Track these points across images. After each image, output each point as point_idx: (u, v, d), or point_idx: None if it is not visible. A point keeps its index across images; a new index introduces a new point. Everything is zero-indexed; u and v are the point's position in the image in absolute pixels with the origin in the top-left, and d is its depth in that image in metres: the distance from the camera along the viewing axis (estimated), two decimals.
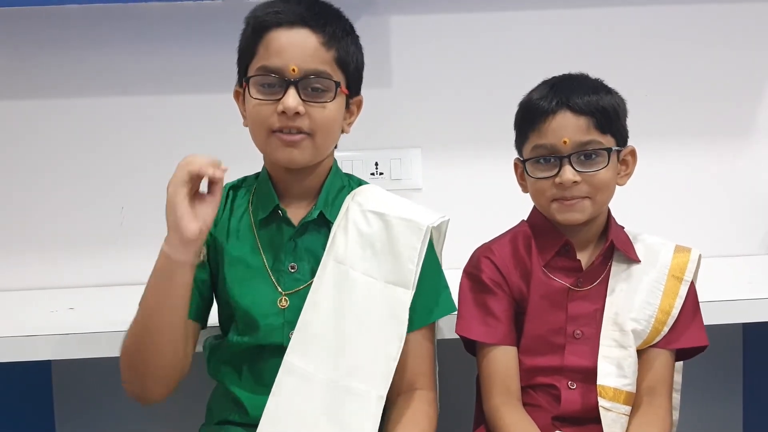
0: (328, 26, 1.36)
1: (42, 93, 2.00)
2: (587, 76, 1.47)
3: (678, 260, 1.47)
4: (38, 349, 1.55)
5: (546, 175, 1.42)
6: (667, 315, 1.45)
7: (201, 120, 1.98)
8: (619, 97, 1.45)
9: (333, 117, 1.37)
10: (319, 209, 1.41)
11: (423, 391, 1.41)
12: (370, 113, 2.01)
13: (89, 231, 2.02)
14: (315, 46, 1.34)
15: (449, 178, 2.06)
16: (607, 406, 1.42)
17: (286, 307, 1.39)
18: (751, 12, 2.06)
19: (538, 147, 1.43)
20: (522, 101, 1.48)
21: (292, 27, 1.34)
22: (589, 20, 2.04)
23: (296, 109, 1.32)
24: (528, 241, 1.49)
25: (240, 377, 1.42)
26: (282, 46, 1.34)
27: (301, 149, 1.35)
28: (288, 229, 1.41)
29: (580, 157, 1.40)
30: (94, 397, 2.02)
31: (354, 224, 1.41)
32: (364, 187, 1.48)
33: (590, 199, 1.42)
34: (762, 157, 2.10)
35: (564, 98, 1.41)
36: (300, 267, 1.41)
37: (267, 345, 1.39)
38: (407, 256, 1.38)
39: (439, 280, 1.46)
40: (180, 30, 1.97)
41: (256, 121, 1.37)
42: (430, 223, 1.41)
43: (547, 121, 1.41)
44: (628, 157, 1.47)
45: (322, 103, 1.35)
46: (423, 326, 1.42)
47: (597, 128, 1.41)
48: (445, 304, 1.46)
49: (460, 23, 2.03)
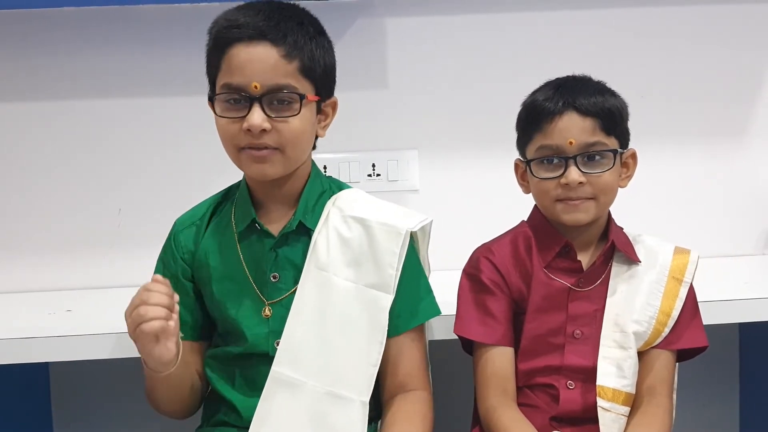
0: (289, 36, 1.33)
1: (38, 95, 2.00)
2: (591, 78, 1.47)
3: (677, 262, 1.48)
4: (36, 351, 1.56)
5: (551, 175, 1.42)
6: (668, 317, 1.45)
7: (198, 122, 1.97)
8: (621, 99, 1.46)
9: (301, 129, 1.35)
10: (298, 219, 1.41)
11: (416, 392, 1.42)
12: (367, 115, 2.03)
13: (87, 233, 2.02)
14: (275, 59, 1.32)
15: (446, 180, 2.06)
16: (606, 406, 1.42)
17: (270, 317, 1.40)
18: (747, 13, 2.06)
19: (543, 147, 1.43)
20: (526, 102, 1.48)
21: (251, 42, 1.32)
22: (585, 22, 2.05)
23: (261, 126, 1.31)
24: (528, 242, 1.49)
25: (233, 382, 1.43)
26: (242, 63, 1.32)
27: (271, 163, 1.35)
28: (268, 241, 1.41)
29: (585, 158, 1.41)
30: (92, 399, 2.02)
31: (335, 230, 1.41)
32: (345, 192, 1.47)
33: (594, 200, 1.42)
34: (758, 158, 2.11)
35: (570, 99, 1.41)
36: (282, 276, 1.41)
37: (255, 354, 1.40)
38: (387, 262, 1.38)
39: (423, 284, 1.46)
40: (176, 32, 1.98)
41: (224, 138, 1.37)
42: (410, 227, 1.41)
43: (553, 122, 1.41)
44: (629, 160, 1.48)
45: (288, 118, 1.33)
46: (410, 328, 1.42)
47: (602, 130, 1.41)
48: (430, 308, 1.46)
49: (456, 25, 2.03)
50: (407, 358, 1.42)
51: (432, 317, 1.46)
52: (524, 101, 1.48)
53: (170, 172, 2.02)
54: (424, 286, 1.46)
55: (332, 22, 1.46)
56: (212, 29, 1.38)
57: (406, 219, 1.43)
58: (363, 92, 2.01)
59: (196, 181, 1.98)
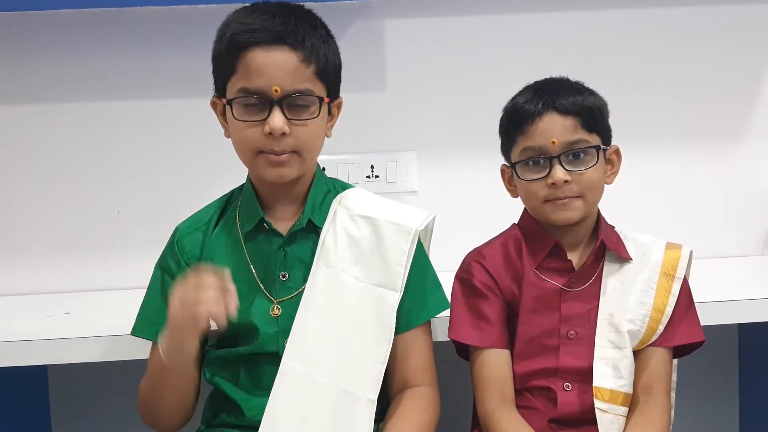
0: (307, 41, 1.34)
1: (36, 98, 1.99)
2: (568, 79, 1.49)
3: (669, 257, 1.48)
4: (34, 353, 1.56)
5: (537, 176, 1.43)
6: (661, 314, 1.45)
7: (197, 124, 1.97)
8: (600, 97, 1.47)
9: (317, 132, 1.37)
10: (307, 216, 1.42)
11: (421, 388, 1.42)
12: (366, 117, 2.03)
13: (85, 235, 2.02)
14: (295, 64, 1.33)
15: (445, 181, 2.06)
16: (604, 407, 1.42)
17: (279, 315, 1.40)
18: (746, 13, 2.07)
19: (527, 149, 1.44)
20: (506, 107, 1.50)
21: (270, 46, 1.32)
22: (584, 23, 2.05)
23: (282, 130, 1.32)
24: (519, 244, 1.50)
25: (237, 380, 1.42)
26: (261, 66, 1.32)
27: (289, 167, 1.36)
28: (276, 240, 1.42)
29: (569, 156, 1.42)
30: (91, 402, 2.02)
31: (343, 228, 1.42)
32: (350, 190, 1.48)
33: (581, 198, 1.43)
34: (757, 158, 2.11)
35: (550, 100, 1.42)
36: (291, 275, 1.41)
37: (263, 353, 1.40)
38: (396, 260, 1.40)
39: (431, 279, 1.47)
40: (175, 34, 1.97)
41: (241, 143, 1.37)
42: (418, 226, 1.42)
43: (534, 124, 1.42)
44: (613, 156, 1.49)
45: (306, 121, 1.35)
46: (418, 324, 1.43)
47: (584, 127, 1.42)
48: (439, 301, 1.47)
49: (455, 26, 2.03)
50: (415, 354, 1.43)
51: (442, 311, 1.47)
52: (505, 107, 1.50)
53: (169, 175, 2.02)
54: (432, 281, 1.47)
55: (331, 23, 1.46)
56: (224, 32, 1.37)
57: (413, 217, 1.44)
58: (362, 94, 2.01)
59: (194, 183, 1.98)
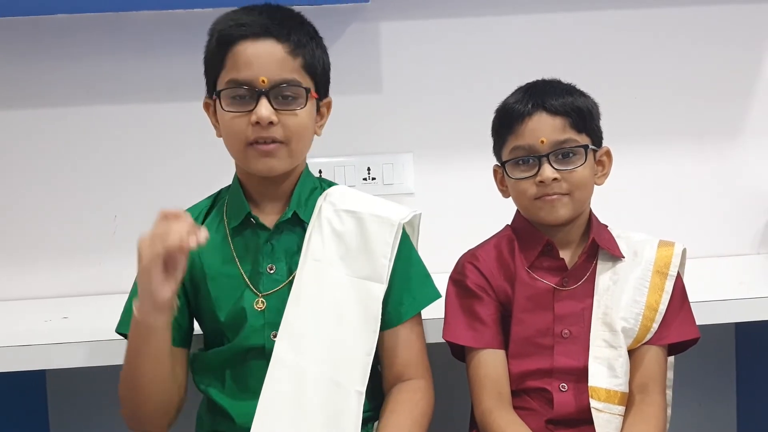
0: (293, 34, 1.37)
1: (33, 102, 2.00)
2: (560, 80, 1.50)
3: (661, 255, 1.49)
4: (32, 358, 1.55)
5: (526, 175, 1.45)
6: (655, 312, 1.46)
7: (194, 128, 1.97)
8: (591, 99, 1.49)
9: (305, 123, 1.39)
10: (293, 209, 1.43)
11: (414, 380, 1.43)
12: (362, 119, 2.03)
13: (82, 240, 2.02)
14: (282, 55, 1.36)
15: (441, 183, 2.06)
16: (600, 407, 1.42)
17: (264, 309, 1.41)
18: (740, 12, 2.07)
19: (516, 148, 1.45)
20: (498, 107, 1.51)
21: (258, 39, 1.36)
22: (579, 23, 2.05)
23: (269, 119, 1.34)
24: (512, 245, 1.50)
25: (223, 386, 1.43)
26: (249, 58, 1.35)
27: (278, 158, 1.38)
28: (263, 233, 1.43)
29: (558, 155, 1.43)
30: (89, 407, 2.01)
31: (328, 223, 1.43)
32: (335, 187, 1.50)
33: (570, 196, 1.44)
34: (753, 157, 2.11)
35: (540, 100, 1.44)
36: (278, 267, 1.43)
37: (249, 348, 1.41)
38: (380, 252, 1.41)
39: (419, 271, 1.48)
40: (172, 38, 1.98)
41: (230, 134, 1.38)
42: (402, 218, 1.44)
43: (524, 123, 1.44)
44: (603, 158, 1.50)
45: (294, 111, 1.37)
46: (409, 318, 1.44)
47: (573, 128, 1.44)
48: (428, 293, 1.47)
49: (450, 28, 2.04)
50: (407, 347, 1.44)
51: (433, 302, 1.47)
52: (497, 108, 1.51)
53: (166, 178, 2.02)
54: (420, 273, 1.48)
55: (326, 26, 1.47)
56: (214, 29, 1.41)
57: (397, 210, 1.46)
58: (358, 96, 2.02)
59: (191, 186, 1.96)
